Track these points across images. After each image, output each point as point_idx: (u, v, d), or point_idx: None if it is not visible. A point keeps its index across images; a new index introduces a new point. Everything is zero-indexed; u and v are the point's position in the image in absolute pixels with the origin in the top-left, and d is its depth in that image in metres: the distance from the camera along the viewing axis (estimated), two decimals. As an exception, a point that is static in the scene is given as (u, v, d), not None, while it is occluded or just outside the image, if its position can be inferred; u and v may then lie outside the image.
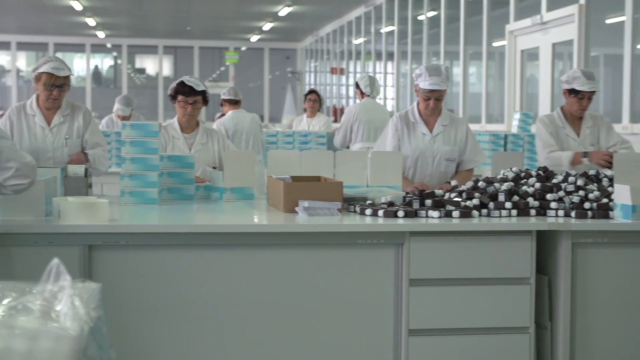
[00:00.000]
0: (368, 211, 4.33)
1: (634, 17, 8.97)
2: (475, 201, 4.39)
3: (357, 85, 9.04)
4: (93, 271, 3.92)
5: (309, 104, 10.42)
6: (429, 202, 4.43)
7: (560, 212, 4.38)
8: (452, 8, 14.33)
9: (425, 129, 5.41)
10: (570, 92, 5.73)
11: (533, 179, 4.65)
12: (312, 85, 26.65)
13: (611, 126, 5.93)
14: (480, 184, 4.63)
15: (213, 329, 4.04)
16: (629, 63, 9.02)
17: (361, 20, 19.87)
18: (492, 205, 4.38)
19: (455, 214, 4.25)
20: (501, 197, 4.41)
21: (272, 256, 4.06)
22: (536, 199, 4.46)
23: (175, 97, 5.38)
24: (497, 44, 13.08)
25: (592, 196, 4.44)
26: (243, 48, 29.05)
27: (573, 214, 4.32)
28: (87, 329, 1.99)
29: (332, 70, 23.10)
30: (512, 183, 4.60)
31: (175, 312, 4.00)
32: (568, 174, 4.71)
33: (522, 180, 4.70)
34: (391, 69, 18.98)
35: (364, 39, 19.94)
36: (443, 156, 5.41)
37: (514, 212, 4.36)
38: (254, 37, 27.34)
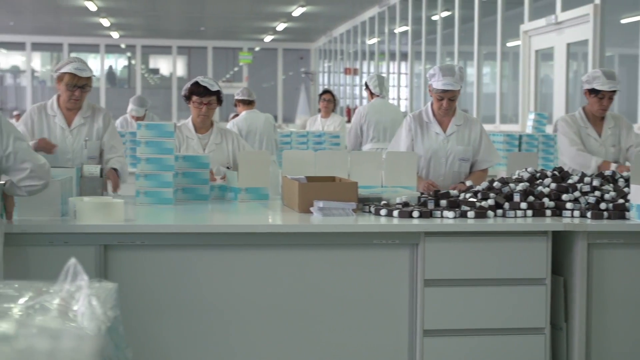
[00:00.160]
0: (383, 211, 4.33)
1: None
2: (490, 201, 4.38)
3: (367, 85, 8.97)
4: (108, 271, 3.93)
5: (323, 104, 10.40)
6: (444, 202, 4.42)
7: (576, 213, 4.36)
8: (466, 8, 14.30)
9: (438, 129, 5.40)
10: (591, 92, 5.70)
11: (548, 180, 4.63)
12: (325, 86, 26.65)
13: (631, 127, 5.90)
14: (496, 184, 4.62)
15: (228, 329, 4.04)
16: (645, 63, 8.98)
17: (375, 20, 19.86)
18: (507, 205, 4.37)
19: (471, 215, 4.25)
20: (516, 198, 4.40)
21: (287, 256, 4.06)
22: (552, 200, 4.45)
23: (189, 98, 5.38)
24: (511, 44, 13.05)
25: (608, 197, 4.42)
26: (257, 48, 29.08)
27: (589, 214, 4.30)
28: (104, 329, 2.00)
29: (345, 71, 23.09)
30: (528, 183, 4.59)
31: (190, 311, 4.01)
32: (584, 174, 4.69)
33: (538, 181, 4.68)
34: (405, 69, 18.96)
35: (377, 39, 19.93)
36: (457, 156, 5.40)
37: (530, 213, 4.35)
38: (268, 38, 27.36)
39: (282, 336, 4.07)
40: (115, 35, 26.92)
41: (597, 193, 4.46)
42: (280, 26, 23.68)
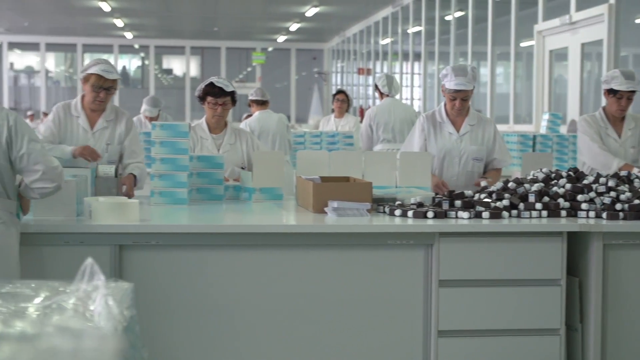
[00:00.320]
0: (397, 212, 4.33)
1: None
2: (505, 202, 4.37)
3: (376, 86, 9.00)
4: (123, 271, 3.94)
5: (337, 104, 10.39)
6: (458, 202, 4.41)
7: (591, 213, 4.35)
8: (479, 8, 14.27)
9: (452, 129, 5.40)
10: (609, 92, 5.68)
11: (563, 180, 4.62)
12: (338, 86, 26.65)
13: None
14: (511, 184, 4.61)
15: (242, 328, 4.04)
16: (660, 63, 8.94)
17: (388, 20, 19.84)
18: (522, 206, 4.36)
19: (485, 215, 4.24)
20: (531, 198, 4.39)
21: (301, 256, 4.06)
22: (567, 200, 4.43)
23: (204, 99, 5.36)
24: (524, 44, 13.02)
25: (624, 197, 4.40)
26: (270, 48, 29.10)
27: (604, 215, 4.29)
28: (121, 329, 2.00)
29: (358, 71, 23.09)
30: (543, 184, 4.58)
31: (204, 311, 4.02)
32: (599, 174, 4.67)
33: (553, 181, 4.67)
34: (418, 70, 18.93)
35: (390, 39, 19.91)
36: (470, 155, 5.39)
37: (545, 213, 4.34)
38: (281, 38, 27.38)
39: (297, 336, 4.07)
40: (128, 35, 26.99)
41: (613, 194, 4.44)
42: (294, 26, 23.69)
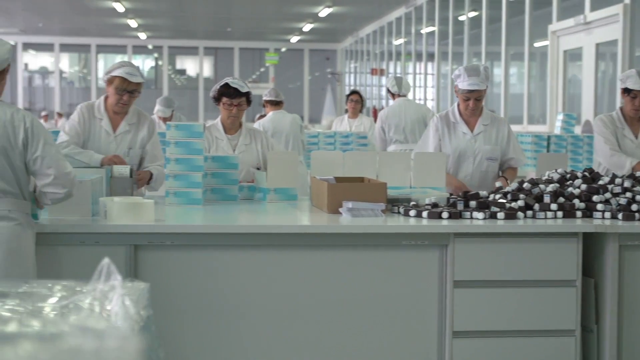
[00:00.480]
0: (412, 212, 4.32)
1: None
2: (520, 202, 4.36)
3: (388, 90, 9.14)
4: (139, 271, 3.95)
5: (351, 104, 10.39)
6: (473, 203, 4.40)
7: (607, 214, 4.33)
8: (493, 8, 14.24)
9: (466, 129, 5.40)
10: (625, 91, 5.66)
11: (579, 181, 4.60)
12: (352, 86, 26.64)
13: None
14: (526, 185, 4.59)
15: (257, 328, 4.05)
16: (675, 63, 8.90)
17: (401, 20, 19.82)
18: (537, 206, 4.34)
19: (500, 216, 4.23)
20: (546, 199, 4.37)
21: (316, 257, 4.06)
22: (582, 201, 4.41)
23: (219, 99, 5.36)
24: (538, 44, 12.98)
25: (640, 198, 4.39)
26: (283, 49, 29.13)
27: (620, 216, 4.27)
28: (138, 329, 2.01)
29: (372, 71, 23.08)
30: (558, 184, 4.56)
31: (219, 311, 4.02)
32: (614, 175, 4.65)
33: (568, 182, 4.65)
34: (431, 70, 18.91)
35: (404, 39, 19.89)
36: (484, 155, 5.38)
37: (560, 214, 4.32)
38: (294, 38, 27.39)
39: (311, 336, 4.07)
40: (142, 36, 27.07)
41: (629, 194, 4.42)
42: (307, 27, 23.70)
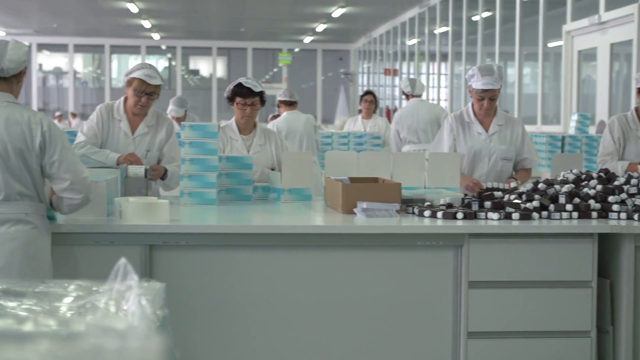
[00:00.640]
0: (427, 212, 4.31)
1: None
2: (535, 203, 4.35)
3: (403, 92, 9.26)
4: (154, 271, 3.96)
5: (365, 105, 10.38)
6: (488, 203, 4.39)
7: (623, 215, 4.31)
8: (507, 8, 14.20)
9: (480, 129, 5.39)
10: (639, 90, 5.63)
11: (594, 181, 4.58)
12: (365, 87, 26.62)
13: None
14: (541, 185, 4.58)
15: (271, 328, 4.05)
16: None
17: (415, 21, 19.80)
18: (552, 207, 4.33)
19: (515, 216, 4.22)
20: (562, 199, 4.36)
21: (330, 257, 4.06)
22: (598, 201, 4.40)
23: (233, 99, 5.37)
24: (552, 44, 12.94)
25: (656, 199, 4.36)
26: (296, 49, 29.13)
27: (636, 216, 4.25)
28: (154, 329, 2.01)
29: (385, 72, 23.05)
30: (573, 185, 4.55)
31: (233, 311, 4.03)
32: (630, 176, 4.63)
33: (583, 182, 4.64)
34: (444, 70, 18.88)
35: (417, 39, 19.87)
36: (499, 155, 5.38)
37: (575, 215, 4.31)
38: (307, 39, 27.39)
39: (326, 336, 4.07)
40: (156, 36, 27.12)
41: (644, 195, 4.40)
42: (320, 27, 23.69)
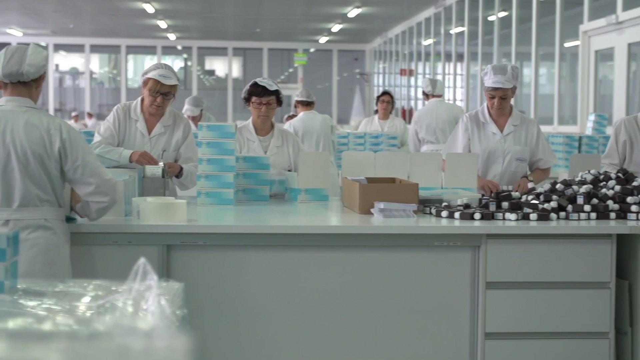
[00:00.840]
0: (444, 213, 4.30)
1: None
2: (553, 204, 4.33)
3: (423, 92, 9.32)
4: (171, 271, 3.96)
5: (382, 105, 10.36)
6: (505, 204, 4.38)
7: (642, 216, 4.29)
8: (523, 8, 14.15)
9: (495, 129, 5.38)
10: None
11: (612, 182, 4.56)
12: (380, 87, 26.60)
13: None
14: (559, 186, 4.56)
15: (288, 329, 4.05)
16: None
17: (431, 21, 19.76)
18: (570, 208, 4.31)
19: (533, 217, 4.20)
20: (580, 200, 4.34)
21: (348, 258, 4.06)
22: (616, 202, 4.38)
23: (249, 99, 5.38)
24: (568, 44, 12.89)
25: (675, 199, 4.34)
26: (312, 50, 29.14)
27: (655, 217, 4.23)
28: (174, 329, 2.01)
29: (401, 72, 23.02)
30: (591, 186, 4.53)
31: (250, 311, 4.03)
32: (649, 176, 4.61)
33: (601, 183, 4.62)
34: (460, 70, 18.84)
35: (433, 40, 19.83)
36: (514, 156, 5.36)
37: (593, 215, 4.29)
38: (323, 39, 27.40)
39: (342, 336, 4.07)
40: (172, 37, 27.20)
41: (663, 196, 4.38)
42: (336, 27, 23.69)
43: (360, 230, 4.07)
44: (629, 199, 4.36)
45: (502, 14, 15.32)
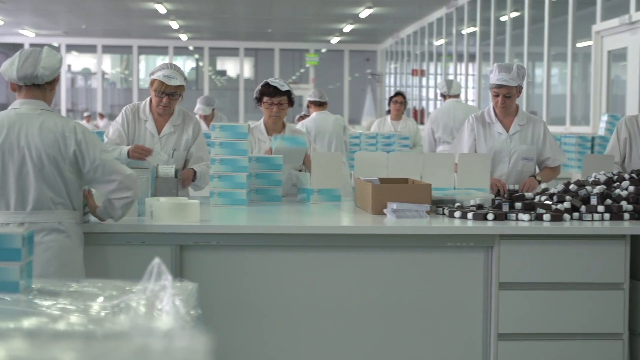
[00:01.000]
0: (457, 213, 4.30)
1: None
2: (566, 204, 4.32)
3: (440, 92, 9.34)
4: (184, 271, 3.97)
5: (395, 106, 10.35)
6: (519, 205, 4.37)
7: (655, 216, 4.27)
8: (536, 8, 14.12)
9: (501, 129, 5.37)
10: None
11: (626, 182, 4.55)
12: (392, 87, 26.57)
13: None
14: (572, 187, 4.55)
15: (302, 329, 4.05)
16: None
17: (442, 21, 19.73)
18: (584, 208, 4.30)
19: (546, 217, 4.19)
20: (593, 201, 4.33)
21: (361, 258, 4.06)
22: (630, 203, 4.36)
23: (260, 99, 5.38)
24: (580, 44, 12.85)
25: (689, 200, 4.32)
26: (323, 50, 29.14)
27: (669, 218, 4.21)
28: (190, 329, 2.02)
29: (412, 72, 22.98)
30: (605, 186, 4.51)
31: (263, 311, 4.03)
32: (663, 177, 4.59)
33: (615, 184, 4.60)
34: (472, 71, 18.79)
35: (445, 40, 19.80)
36: (520, 155, 5.35)
37: (607, 216, 4.27)
38: (334, 39, 27.38)
39: (355, 337, 4.07)
40: (183, 37, 27.23)
41: (677, 196, 4.36)
42: (347, 28, 23.67)
43: (373, 230, 4.07)
44: (643, 200, 4.35)
45: (514, 14, 15.28)
